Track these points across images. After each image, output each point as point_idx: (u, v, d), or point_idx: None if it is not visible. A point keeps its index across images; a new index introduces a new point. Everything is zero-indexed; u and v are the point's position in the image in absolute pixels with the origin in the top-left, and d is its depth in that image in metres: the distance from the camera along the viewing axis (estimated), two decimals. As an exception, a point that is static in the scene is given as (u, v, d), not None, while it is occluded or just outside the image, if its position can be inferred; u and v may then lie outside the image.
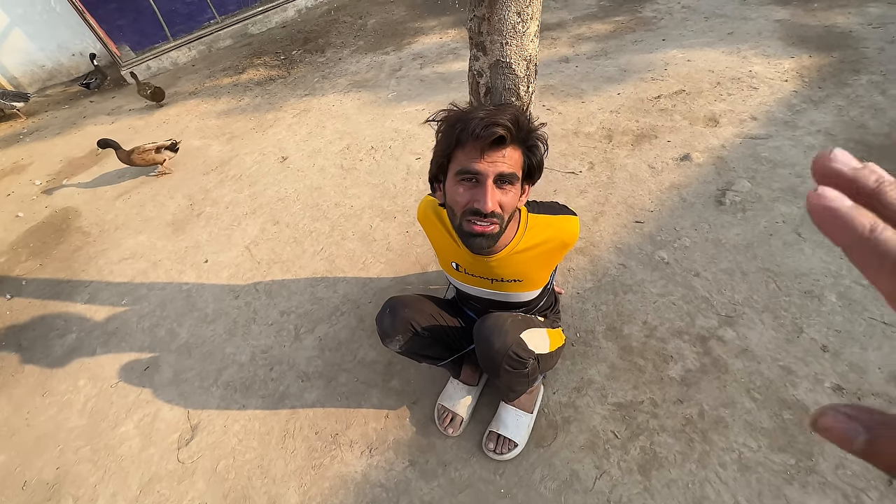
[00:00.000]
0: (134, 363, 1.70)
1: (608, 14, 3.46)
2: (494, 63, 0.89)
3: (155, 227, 2.38)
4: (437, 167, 0.86)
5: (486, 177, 0.78)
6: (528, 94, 0.96)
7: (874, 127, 1.90)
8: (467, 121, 0.76)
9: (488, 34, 0.85)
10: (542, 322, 1.15)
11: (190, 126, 3.35)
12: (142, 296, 1.98)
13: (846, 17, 2.67)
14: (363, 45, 4.03)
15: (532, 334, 1.01)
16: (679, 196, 1.82)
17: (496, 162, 0.77)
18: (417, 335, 1.08)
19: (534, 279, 1.05)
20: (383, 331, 1.08)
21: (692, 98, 2.32)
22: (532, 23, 0.85)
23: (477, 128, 0.74)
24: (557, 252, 1.01)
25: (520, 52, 0.87)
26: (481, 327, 0.98)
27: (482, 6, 0.82)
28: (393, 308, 1.08)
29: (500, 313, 1.02)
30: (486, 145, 0.76)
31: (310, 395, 1.47)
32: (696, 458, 1.13)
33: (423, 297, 1.17)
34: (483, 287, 1.08)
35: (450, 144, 0.80)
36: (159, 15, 4.67)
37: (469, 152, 0.78)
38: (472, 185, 0.80)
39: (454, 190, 0.83)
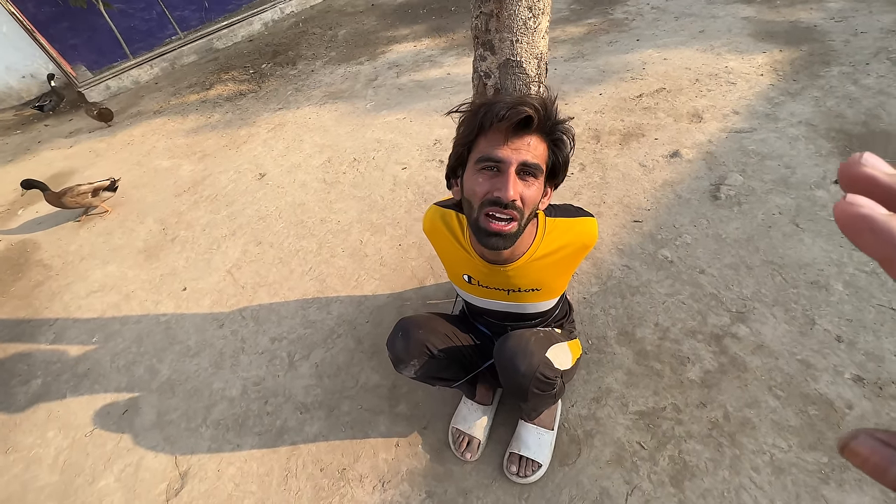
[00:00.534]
0: (110, 407, 1.55)
1: (580, 17, 3.49)
2: (504, 62, 0.83)
3: (125, 255, 2.21)
4: (457, 158, 0.80)
5: (508, 164, 0.72)
6: (538, 93, 0.91)
7: (852, 116, 1.95)
8: (492, 104, 0.71)
9: (497, 31, 0.79)
10: (560, 335, 1.09)
11: (157, 146, 3.17)
12: (115, 331, 1.82)
13: (809, 13, 2.77)
14: (336, 55, 3.94)
15: (556, 351, 0.94)
16: (674, 193, 1.80)
17: (520, 149, 0.72)
18: (433, 358, 1.00)
19: (553, 287, 0.99)
20: (396, 356, 1.00)
21: (673, 95, 2.34)
22: (543, 18, 0.80)
23: (502, 110, 0.69)
24: (577, 256, 0.95)
25: (531, 50, 0.82)
26: (503, 350, 0.92)
27: (490, 2, 0.76)
28: (406, 330, 1.00)
29: (520, 332, 0.95)
30: (511, 129, 0.71)
31: (311, 428, 1.36)
32: (728, 463, 1.09)
33: (435, 316, 1.10)
34: (499, 299, 1.01)
35: (472, 131, 0.75)
36: (117, 32, 4.46)
37: (492, 138, 0.73)
38: (494, 173, 0.74)
39: (473, 179, 0.76)
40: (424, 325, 1.02)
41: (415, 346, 0.98)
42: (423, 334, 1.00)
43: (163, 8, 4.73)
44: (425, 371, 1.02)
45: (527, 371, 0.88)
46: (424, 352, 0.99)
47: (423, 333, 1.00)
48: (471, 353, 1.10)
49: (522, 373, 0.88)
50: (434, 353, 1.00)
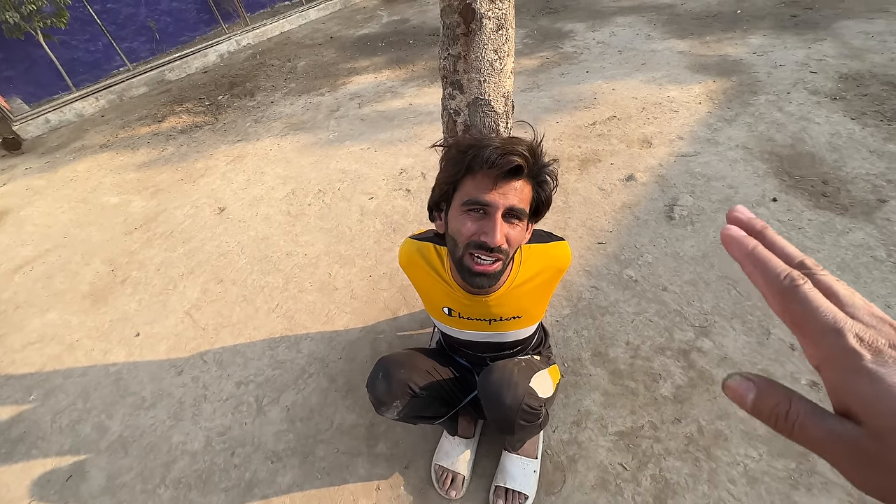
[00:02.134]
0: (51, 474, 1.39)
1: (533, 50, 3.70)
2: (473, 101, 0.86)
3: (68, 301, 2.04)
4: (441, 194, 0.80)
5: (496, 209, 0.73)
6: (507, 130, 0.94)
7: (780, 140, 2.15)
8: (481, 148, 0.71)
9: (465, 72, 0.83)
10: (539, 362, 1.10)
11: (104, 181, 3.00)
12: (56, 386, 1.66)
13: (735, 48, 3.07)
14: (295, 87, 3.94)
15: (539, 379, 0.95)
16: (632, 214, 1.90)
17: (507, 194, 0.73)
18: (416, 397, 0.98)
19: (533, 313, 1.00)
20: (378, 398, 0.96)
21: (624, 123, 2.50)
22: (508, 59, 0.84)
23: (493, 155, 0.69)
24: (554, 280, 0.97)
25: (498, 89, 0.86)
26: (487, 383, 0.91)
27: (457, 45, 0.80)
28: (386, 371, 0.97)
29: (502, 363, 0.95)
30: (500, 176, 0.71)
31: (283, 479, 1.27)
32: (706, 478, 1.11)
33: (414, 352, 1.07)
34: (479, 330, 1.01)
35: (458, 171, 0.74)
36: (58, 64, 4.26)
37: (480, 182, 0.73)
38: (480, 216, 0.75)
39: (459, 220, 0.76)
40: (406, 364, 1.00)
41: (397, 386, 0.95)
42: (405, 373, 0.97)
43: (110, 39, 4.59)
44: (408, 412, 0.99)
45: (512, 403, 0.87)
46: (407, 392, 0.96)
47: (404, 373, 0.97)
48: (452, 388, 1.08)
49: (508, 405, 0.87)
50: (416, 392, 0.98)
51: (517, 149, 0.71)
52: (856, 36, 2.89)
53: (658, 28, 3.62)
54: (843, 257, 1.55)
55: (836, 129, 2.13)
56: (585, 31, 3.87)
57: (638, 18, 3.88)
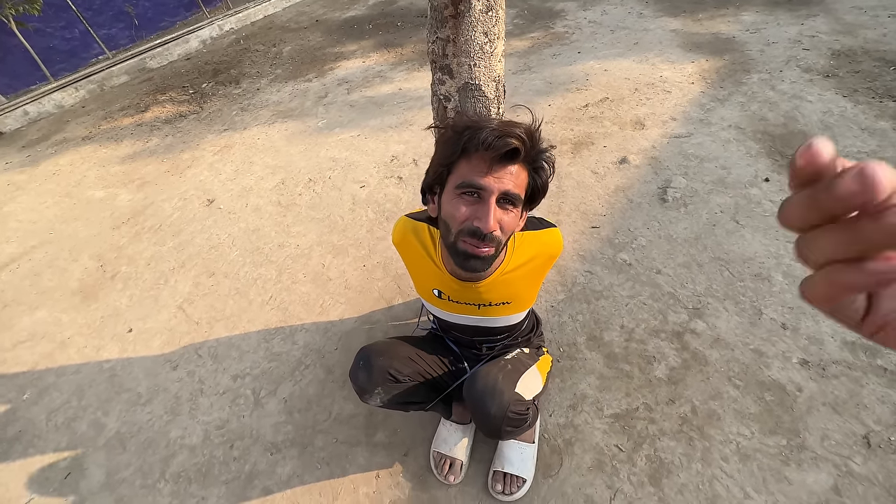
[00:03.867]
0: (49, 471, 1.38)
1: (524, 31, 3.63)
2: (463, 86, 0.83)
3: (57, 298, 2.01)
4: (435, 176, 0.78)
5: (490, 193, 0.71)
6: (498, 115, 0.92)
7: (773, 119, 2.14)
8: (477, 129, 0.69)
9: (454, 56, 0.80)
10: (528, 356, 1.10)
11: (88, 175, 2.93)
12: (50, 385, 1.64)
13: (727, 25, 3.03)
14: (282, 73, 3.84)
15: (526, 381, 0.96)
16: (626, 198, 1.89)
17: (503, 178, 0.71)
18: (398, 383, 0.98)
19: (523, 299, 1.00)
20: (360, 387, 0.97)
21: (616, 104, 2.47)
22: (499, 42, 0.81)
23: (489, 137, 0.67)
24: (545, 266, 0.97)
25: (488, 74, 0.83)
26: (472, 391, 0.92)
27: (445, 27, 0.77)
28: (366, 359, 0.98)
29: (487, 368, 0.95)
30: (496, 159, 0.70)
31: (283, 469, 1.28)
32: (700, 456, 1.13)
33: (396, 340, 1.08)
34: (469, 314, 1.00)
35: (454, 153, 0.72)
36: (33, 53, 4.11)
37: (475, 164, 0.71)
38: (474, 200, 0.73)
39: (453, 204, 0.75)
40: (385, 352, 1.00)
41: (377, 373, 0.96)
42: (385, 360, 0.98)
43: (86, 26, 4.43)
44: (392, 398, 1.00)
45: (497, 412, 0.88)
46: (388, 378, 0.97)
47: (384, 360, 0.98)
48: (440, 373, 1.09)
49: (494, 414, 0.88)
50: (398, 378, 0.98)
51: (514, 132, 0.69)
52: (848, 11, 2.86)
53: (650, 6, 3.56)
54: (834, 236, 1.55)
55: (829, 107, 2.12)
56: (577, 9, 3.79)
57: (630, -4, 3.81)
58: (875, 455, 1.07)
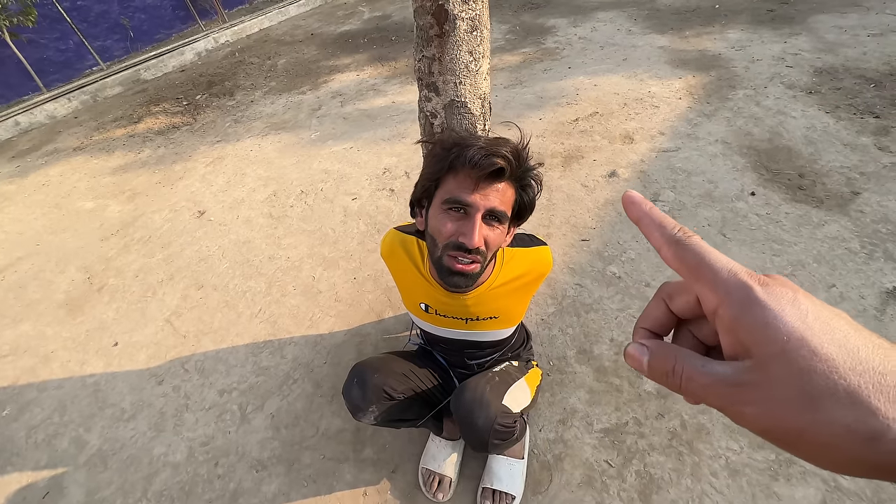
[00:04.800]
0: (27, 491, 1.35)
1: (515, 46, 3.69)
2: (449, 103, 0.85)
3: (42, 311, 1.98)
4: (423, 191, 0.79)
5: (476, 210, 0.72)
6: (485, 132, 0.93)
7: (758, 134, 2.18)
8: (465, 147, 0.70)
9: (440, 74, 0.81)
10: (516, 369, 1.10)
11: (78, 186, 2.91)
12: (31, 400, 1.61)
13: (713, 43, 3.11)
14: (276, 85, 3.87)
15: (514, 394, 0.96)
16: (615, 211, 1.91)
17: (489, 195, 0.72)
18: (393, 400, 0.97)
19: (511, 315, 1.00)
20: (354, 405, 0.96)
21: (606, 119, 2.51)
22: (484, 61, 0.83)
23: (476, 156, 0.68)
24: (534, 284, 0.97)
25: (474, 91, 0.84)
26: (459, 403, 0.91)
27: (431, 46, 0.78)
28: (361, 376, 0.96)
29: (475, 380, 0.95)
30: (483, 177, 0.71)
31: (269, 488, 1.26)
32: (689, 471, 1.13)
33: (390, 356, 1.07)
34: (456, 328, 1.00)
35: (441, 169, 0.73)
36: (26, 64, 4.11)
37: (462, 181, 0.72)
38: (460, 216, 0.74)
39: (439, 219, 0.76)
40: (380, 368, 0.99)
41: (373, 391, 0.95)
42: (380, 378, 0.97)
43: (81, 38, 4.44)
44: (386, 416, 0.98)
45: (484, 424, 0.87)
46: (383, 396, 0.96)
47: (379, 377, 0.97)
48: (432, 389, 1.08)
49: (481, 427, 0.87)
50: (393, 395, 0.97)
51: (501, 150, 0.70)
52: (830, 30, 2.95)
53: (639, 23, 3.64)
54: (819, 250, 1.58)
55: (812, 123, 2.17)
56: (567, 26, 3.87)
57: (619, 13, 3.90)
58: (862, 469, 1.07)
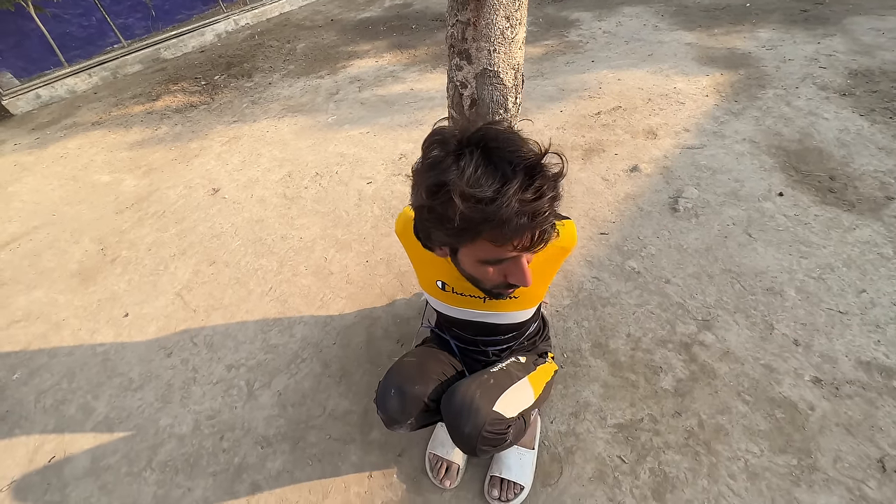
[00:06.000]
0: (34, 455, 1.35)
1: (538, 38, 3.63)
2: (481, 72, 0.81)
3: (55, 279, 1.99)
4: (440, 244, 0.68)
5: (521, 258, 0.64)
6: (515, 105, 0.89)
7: (788, 134, 2.11)
8: (500, 219, 0.53)
9: (474, 40, 0.77)
10: (521, 366, 1.03)
11: (96, 159, 2.92)
12: (41, 366, 1.61)
13: (743, 41, 3.02)
14: (294, 69, 3.85)
15: (508, 397, 0.89)
16: (636, 205, 1.86)
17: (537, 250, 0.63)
18: (429, 410, 0.93)
19: (532, 294, 0.94)
20: (391, 417, 0.91)
21: (629, 113, 2.45)
22: (520, 28, 0.79)
23: (520, 232, 0.55)
24: (557, 259, 0.91)
25: (508, 61, 0.81)
26: (449, 407, 0.86)
27: (467, 10, 0.74)
28: (400, 389, 0.90)
29: (468, 382, 0.89)
30: None
31: (273, 464, 1.24)
32: (706, 472, 1.09)
33: (424, 357, 1.01)
34: (473, 308, 0.95)
35: (468, 237, 0.59)
36: (49, 38, 4.14)
37: (503, 249, 0.60)
38: (504, 263, 0.65)
39: (478, 269, 0.68)
40: (418, 377, 0.93)
41: (412, 404, 0.90)
42: (420, 389, 0.91)
43: (104, 14, 4.46)
44: (421, 423, 0.94)
45: (472, 431, 0.82)
46: (422, 408, 0.91)
47: (419, 388, 0.91)
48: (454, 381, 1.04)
49: (467, 433, 0.83)
50: (431, 406, 0.92)
51: (545, 205, 0.55)
52: (866, 32, 2.85)
53: (666, 19, 3.56)
54: (850, 254, 1.52)
55: (845, 125, 2.09)
56: (592, 20, 3.79)
57: (646, 9, 3.81)
58: (890, 480, 1.02)
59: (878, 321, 1.32)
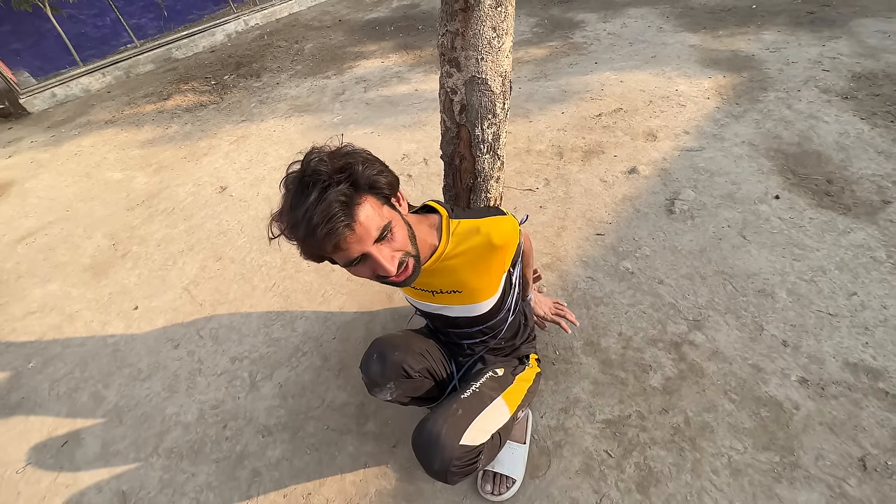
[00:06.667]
0: (47, 440, 1.42)
1: (542, 40, 3.65)
2: (469, 79, 0.85)
3: (69, 273, 2.06)
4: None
5: (368, 254, 0.71)
6: (503, 111, 0.93)
7: (787, 137, 2.12)
8: (304, 237, 0.68)
9: (462, 49, 0.82)
10: (498, 380, 1.04)
11: (108, 157, 3.01)
12: (55, 355, 1.68)
13: (747, 43, 3.02)
14: (302, 69, 3.91)
15: (479, 424, 0.91)
16: (633, 207, 1.89)
17: (363, 238, 0.69)
18: (410, 378, 0.98)
19: (474, 289, 0.95)
20: (371, 379, 0.96)
21: (630, 115, 2.47)
22: (507, 38, 0.83)
23: (321, 242, 0.66)
24: (489, 257, 0.89)
25: (495, 68, 0.85)
26: (416, 441, 0.89)
27: (455, 21, 0.78)
28: (381, 352, 0.96)
29: (436, 414, 0.91)
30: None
31: (273, 452, 1.30)
32: (690, 467, 1.12)
33: (410, 333, 1.08)
34: (427, 301, 1.00)
35: (311, 256, 0.74)
36: (65, 38, 4.25)
37: (336, 255, 0.71)
38: (365, 262, 0.73)
39: (353, 270, 0.76)
40: (401, 346, 0.99)
41: (392, 368, 0.95)
42: (400, 355, 0.97)
43: (117, 15, 4.56)
44: (401, 392, 0.99)
45: (440, 468, 0.85)
46: (401, 374, 0.96)
47: (399, 355, 0.97)
48: (442, 371, 1.09)
49: (436, 470, 0.86)
50: (410, 374, 0.98)
51: (332, 211, 0.65)
52: (872, 35, 2.83)
53: (670, 21, 3.56)
54: (843, 257, 1.53)
55: (845, 129, 2.10)
56: (597, 21, 3.81)
57: (650, 10, 3.82)
58: (870, 478, 1.05)
59: (867, 323, 1.34)
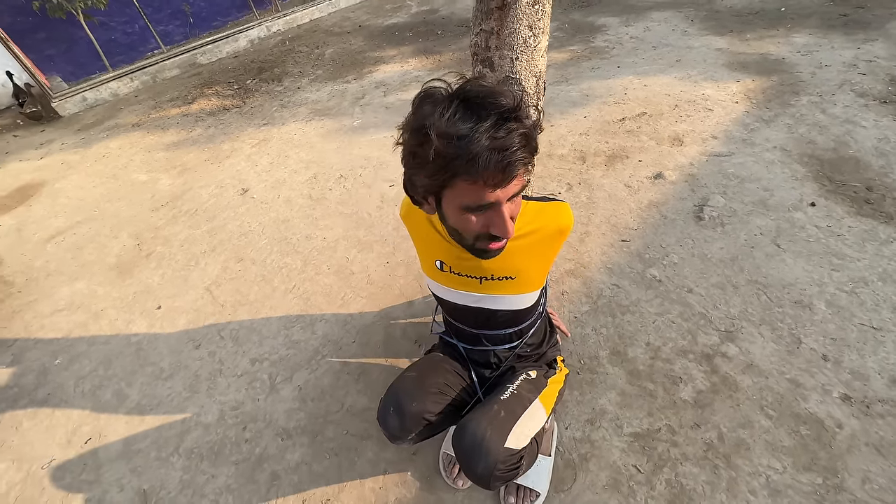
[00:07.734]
0: (72, 436, 1.43)
1: (563, 44, 3.62)
2: (503, 80, 0.83)
3: (95, 272, 2.10)
4: (424, 192, 0.70)
5: (500, 205, 0.66)
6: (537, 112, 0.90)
7: (822, 143, 2.04)
8: (471, 153, 0.57)
9: (497, 49, 0.80)
10: (532, 383, 1.01)
11: (134, 159, 3.08)
12: (81, 353, 1.71)
13: (777, 46, 2.93)
14: (322, 74, 3.96)
15: (521, 427, 0.89)
16: (659, 213, 1.84)
17: (510, 189, 0.65)
18: (430, 424, 0.95)
19: (529, 277, 0.92)
20: (391, 434, 0.94)
21: (654, 120, 2.42)
22: (543, 37, 0.81)
23: (490, 164, 0.58)
24: (552, 241, 0.89)
25: (530, 68, 0.82)
26: (459, 444, 0.86)
27: (490, 19, 0.77)
28: (398, 405, 0.92)
29: (478, 416, 0.88)
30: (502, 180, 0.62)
31: (293, 456, 1.28)
32: (725, 486, 1.07)
33: (423, 369, 1.03)
34: (470, 290, 0.94)
35: (446, 178, 0.63)
36: (96, 44, 4.38)
37: (478, 188, 0.63)
38: (484, 212, 0.68)
39: (461, 219, 0.70)
40: (416, 393, 0.95)
41: (411, 420, 0.92)
42: (418, 406, 0.93)
43: (146, 22, 4.69)
44: (423, 436, 0.98)
45: (484, 472, 0.83)
46: (422, 422, 0.94)
47: (417, 405, 0.93)
48: (461, 394, 1.04)
49: (480, 474, 0.84)
50: (431, 420, 0.95)
51: (514, 144, 0.58)
52: (910, 37, 2.72)
53: (695, 24, 3.49)
54: (886, 268, 1.46)
55: (885, 134, 2.01)
56: (619, 25, 3.76)
57: (675, 14, 3.75)
58: (924, 505, 0.98)
59: (913, 338, 1.27)
